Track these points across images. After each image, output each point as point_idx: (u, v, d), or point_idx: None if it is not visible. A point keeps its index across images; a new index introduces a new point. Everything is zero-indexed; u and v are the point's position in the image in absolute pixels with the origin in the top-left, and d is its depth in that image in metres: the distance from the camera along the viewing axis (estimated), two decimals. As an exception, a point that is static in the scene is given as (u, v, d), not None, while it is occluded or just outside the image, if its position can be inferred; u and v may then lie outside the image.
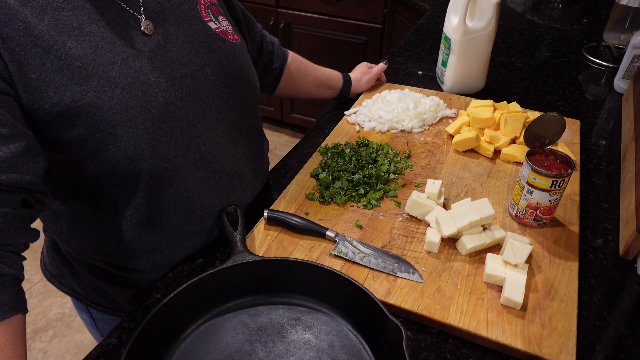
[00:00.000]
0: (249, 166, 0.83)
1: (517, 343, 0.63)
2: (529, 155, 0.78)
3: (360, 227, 0.81)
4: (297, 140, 1.11)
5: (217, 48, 0.72)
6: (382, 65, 1.22)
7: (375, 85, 1.23)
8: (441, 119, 1.10)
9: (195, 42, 0.69)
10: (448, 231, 0.74)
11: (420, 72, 1.35)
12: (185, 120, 0.67)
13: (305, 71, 1.09)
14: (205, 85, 0.70)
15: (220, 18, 0.76)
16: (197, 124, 0.69)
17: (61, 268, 0.83)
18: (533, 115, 1.04)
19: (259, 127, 0.86)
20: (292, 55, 1.06)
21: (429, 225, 0.80)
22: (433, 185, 0.83)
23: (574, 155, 0.97)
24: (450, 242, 0.77)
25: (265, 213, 0.80)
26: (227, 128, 0.76)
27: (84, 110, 0.58)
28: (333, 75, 1.15)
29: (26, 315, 0.57)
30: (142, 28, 0.64)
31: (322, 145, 1.01)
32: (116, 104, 0.59)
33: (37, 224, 0.67)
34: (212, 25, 0.73)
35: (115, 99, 0.59)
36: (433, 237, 0.75)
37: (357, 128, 1.07)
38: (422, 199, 0.80)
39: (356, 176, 0.89)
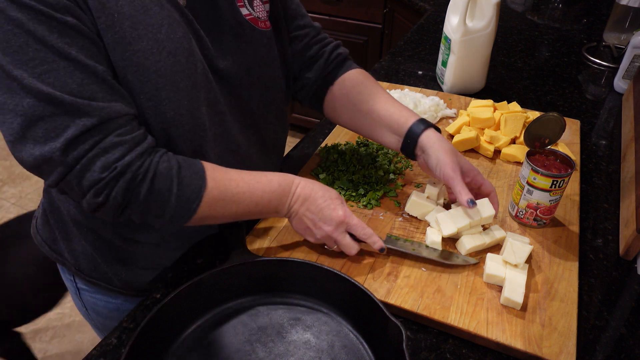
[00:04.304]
0: (260, 155, 0.83)
1: (517, 343, 0.63)
2: (529, 155, 0.78)
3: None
4: (297, 140, 1.10)
5: (244, 36, 0.71)
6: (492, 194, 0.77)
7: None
8: (441, 119, 1.10)
9: (223, 29, 0.69)
10: (448, 231, 0.74)
11: (420, 72, 1.35)
12: (213, 94, 0.68)
13: (360, 95, 0.82)
14: (228, 72, 0.70)
15: (255, 2, 0.74)
16: (222, 101, 0.71)
17: (53, 232, 0.81)
18: (533, 115, 1.04)
19: (283, 119, 0.85)
20: (353, 75, 0.85)
21: (429, 224, 0.80)
22: (433, 186, 0.83)
23: (574, 155, 0.97)
24: (450, 242, 0.77)
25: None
26: (244, 112, 0.76)
27: (131, 70, 0.58)
28: (398, 115, 0.79)
29: None
30: None
31: (322, 145, 1.01)
32: (162, 67, 0.60)
33: (39, 186, 0.66)
34: (244, 11, 0.72)
35: (161, 62, 0.59)
36: (434, 236, 0.75)
37: (357, 128, 1.07)
38: (422, 199, 0.80)
39: (356, 176, 0.89)
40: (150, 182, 0.60)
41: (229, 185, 0.65)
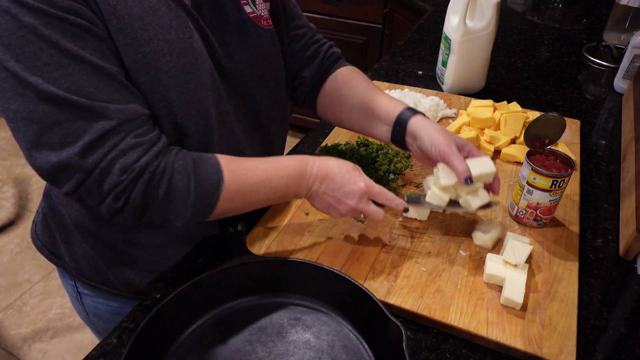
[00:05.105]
0: (262, 155, 0.81)
1: (517, 343, 0.63)
2: (529, 155, 0.78)
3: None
4: (297, 140, 1.10)
5: (248, 35, 0.71)
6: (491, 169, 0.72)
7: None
8: (441, 119, 1.10)
9: (228, 28, 0.68)
10: (446, 181, 0.72)
11: (420, 72, 1.35)
12: (218, 94, 0.68)
13: (351, 90, 0.83)
14: (233, 70, 0.70)
15: (258, 0, 0.74)
16: (226, 100, 0.70)
17: (54, 237, 0.81)
18: (533, 115, 1.04)
19: (284, 118, 0.85)
20: (344, 71, 0.86)
21: (428, 226, 0.80)
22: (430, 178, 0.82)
23: (574, 155, 0.97)
24: (451, 242, 0.77)
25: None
26: (249, 112, 0.76)
27: (142, 72, 0.58)
28: (387, 105, 0.79)
29: (26, 315, 0.58)
30: None
31: (322, 145, 1.01)
32: (172, 68, 0.60)
33: (39, 186, 0.65)
34: (247, 9, 0.71)
35: (172, 63, 0.59)
36: (439, 194, 0.74)
37: (357, 128, 1.07)
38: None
39: (356, 176, 0.89)
40: (168, 182, 0.60)
41: (246, 176, 0.66)
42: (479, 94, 1.23)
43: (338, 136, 1.04)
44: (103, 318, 0.89)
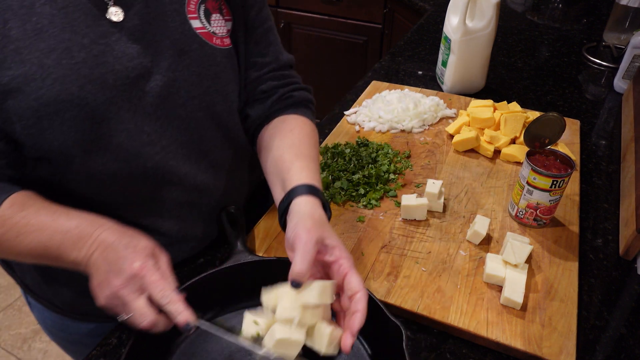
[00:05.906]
0: (220, 180, 0.75)
1: (517, 343, 0.63)
2: (529, 155, 0.78)
3: (362, 221, 0.81)
4: (297, 140, 1.09)
5: (190, 51, 0.63)
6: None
7: (375, 86, 1.23)
8: (441, 119, 1.10)
9: (164, 42, 0.61)
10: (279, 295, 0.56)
11: (420, 72, 1.35)
12: (133, 124, 0.61)
13: (281, 141, 0.72)
14: (162, 92, 0.62)
15: (214, 16, 0.66)
16: (150, 131, 0.63)
17: None
18: (533, 115, 1.04)
19: (238, 140, 0.76)
20: (292, 119, 0.75)
21: (428, 226, 0.80)
22: (433, 185, 0.83)
23: (574, 155, 0.97)
24: (451, 242, 0.77)
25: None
26: (192, 139, 0.68)
27: (10, 95, 0.54)
28: (297, 173, 0.66)
29: (26, 315, 0.57)
30: (109, 15, 0.57)
31: (322, 145, 1.01)
32: (44, 95, 0.55)
33: None
34: (195, 23, 0.64)
35: (43, 89, 0.55)
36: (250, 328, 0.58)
37: (357, 128, 1.07)
38: (413, 201, 0.80)
39: (356, 176, 0.89)
40: None
41: (16, 222, 0.57)
42: (479, 94, 1.23)
43: (338, 136, 1.04)
44: (53, 333, 0.85)
